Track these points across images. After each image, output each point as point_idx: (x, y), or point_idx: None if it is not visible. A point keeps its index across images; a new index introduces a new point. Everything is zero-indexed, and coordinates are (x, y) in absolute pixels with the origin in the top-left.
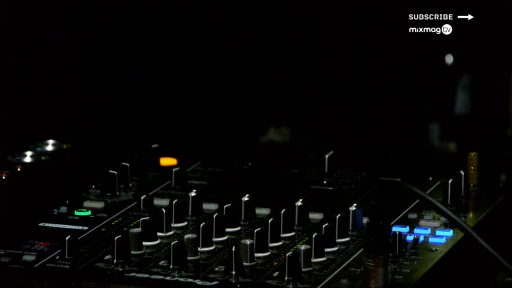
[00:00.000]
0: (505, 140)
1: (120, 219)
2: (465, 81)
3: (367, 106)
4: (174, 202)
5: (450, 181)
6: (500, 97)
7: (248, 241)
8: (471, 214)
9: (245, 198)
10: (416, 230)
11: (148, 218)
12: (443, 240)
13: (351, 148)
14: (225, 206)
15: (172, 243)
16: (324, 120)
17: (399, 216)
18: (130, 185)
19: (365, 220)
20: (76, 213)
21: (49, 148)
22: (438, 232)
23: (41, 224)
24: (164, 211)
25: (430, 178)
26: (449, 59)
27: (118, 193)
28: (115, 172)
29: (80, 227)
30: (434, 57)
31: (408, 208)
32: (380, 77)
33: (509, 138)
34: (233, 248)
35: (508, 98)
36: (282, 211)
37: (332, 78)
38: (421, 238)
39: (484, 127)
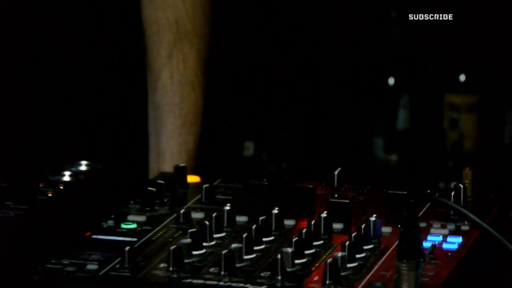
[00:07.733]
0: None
1: (164, 231)
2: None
3: (370, 117)
4: (213, 215)
5: (452, 194)
6: None
7: (289, 249)
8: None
9: (275, 211)
10: (429, 237)
11: (195, 229)
12: (455, 246)
13: (354, 164)
14: (260, 218)
15: (223, 252)
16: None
17: None
18: (165, 200)
19: (383, 229)
20: (123, 226)
21: (83, 168)
22: (449, 239)
23: (94, 237)
24: (207, 223)
25: (428, 191)
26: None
27: (156, 208)
28: (154, 189)
29: (130, 239)
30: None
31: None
32: (383, 83)
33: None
34: (278, 256)
35: None
36: (312, 222)
37: (333, 83)
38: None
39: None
